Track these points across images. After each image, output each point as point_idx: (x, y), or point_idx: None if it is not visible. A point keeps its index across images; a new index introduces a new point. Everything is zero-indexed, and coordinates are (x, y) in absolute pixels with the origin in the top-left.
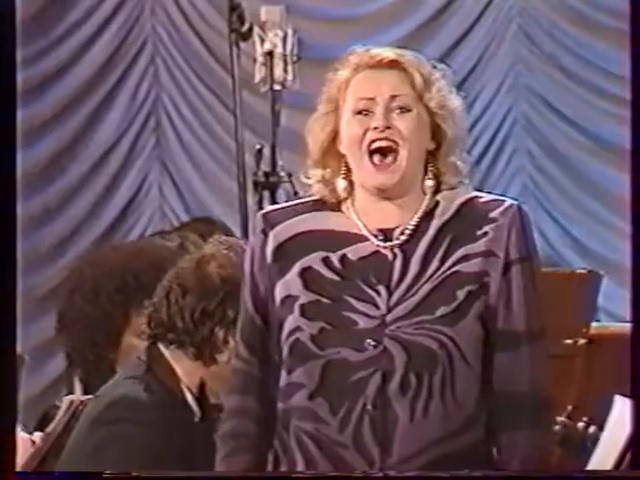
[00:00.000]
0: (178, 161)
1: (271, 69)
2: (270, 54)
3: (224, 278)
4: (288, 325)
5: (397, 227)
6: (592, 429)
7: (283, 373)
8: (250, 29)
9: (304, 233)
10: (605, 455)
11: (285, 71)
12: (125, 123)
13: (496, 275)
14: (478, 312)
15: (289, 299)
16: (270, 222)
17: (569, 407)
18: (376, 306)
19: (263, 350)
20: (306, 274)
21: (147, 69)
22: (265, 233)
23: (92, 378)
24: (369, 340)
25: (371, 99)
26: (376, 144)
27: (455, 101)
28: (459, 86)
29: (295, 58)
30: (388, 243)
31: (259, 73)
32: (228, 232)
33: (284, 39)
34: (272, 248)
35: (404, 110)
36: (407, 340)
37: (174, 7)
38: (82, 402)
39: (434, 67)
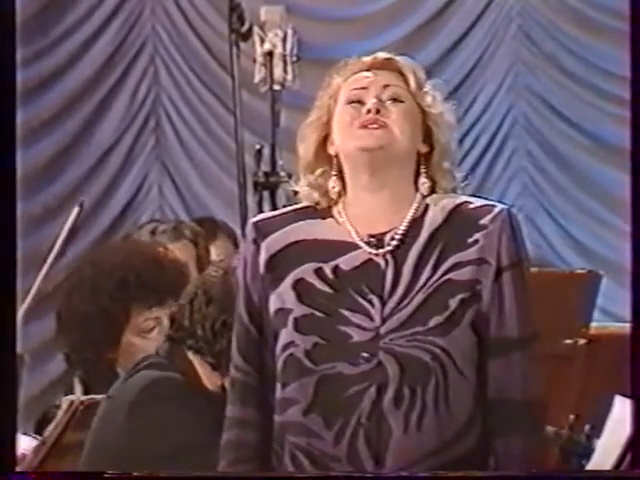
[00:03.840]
0: (178, 161)
1: (271, 69)
2: (270, 54)
3: None
4: (282, 339)
5: (388, 232)
6: (595, 442)
7: (278, 387)
8: (250, 29)
9: (296, 243)
10: (605, 455)
11: (285, 71)
12: (125, 123)
13: (487, 282)
14: (471, 320)
15: (283, 312)
16: (261, 232)
17: (571, 417)
18: (370, 318)
19: (259, 360)
20: (299, 286)
21: (147, 69)
22: (256, 243)
23: (92, 378)
24: (364, 354)
25: (364, 88)
26: (368, 125)
27: (448, 111)
28: (459, 86)
29: (295, 58)
30: (380, 250)
31: (259, 73)
32: (229, 232)
33: (284, 39)
34: (265, 259)
35: (396, 100)
36: (400, 353)
37: (174, 7)
38: (82, 402)
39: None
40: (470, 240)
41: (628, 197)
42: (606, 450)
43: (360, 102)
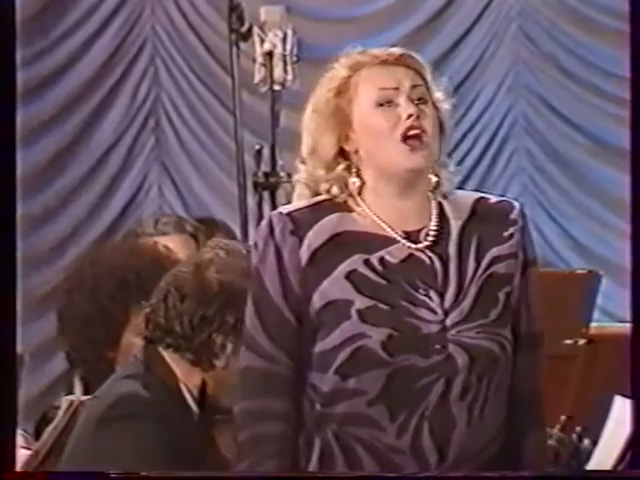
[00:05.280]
0: (178, 161)
1: (271, 69)
2: (270, 54)
3: (223, 284)
4: (344, 331)
5: (420, 229)
6: (586, 442)
7: (332, 379)
8: (250, 29)
9: (339, 235)
10: (605, 455)
11: (285, 71)
12: (125, 123)
13: (518, 276)
14: (511, 314)
15: (338, 303)
16: (301, 224)
17: (562, 417)
18: (432, 311)
19: (294, 348)
20: (353, 277)
21: (147, 69)
22: (297, 235)
23: (92, 377)
24: (436, 346)
25: (395, 89)
26: (412, 132)
27: (450, 101)
28: (459, 86)
29: (295, 58)
30: (420, 245)
31: (259, 73)
32: (229, 232)
33: (284, 39)
34: (308, 252)
35: (422, 101)
36: (470, 344)
37: (174, 7)
38: (82, 402)
39: None
40: (506, 234)
41: (628, 197)
42: (606, 450)
43: (391, 103)
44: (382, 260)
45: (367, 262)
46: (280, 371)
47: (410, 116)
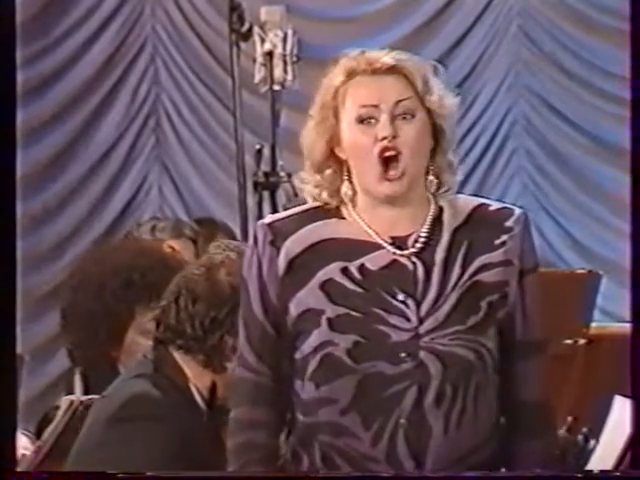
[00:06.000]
0: (178, 161)
1: (271, 69)
2: (270, 54)
3: (234, 286)
4: (314, 339)
5: (410, 235)
6: (592, 443)
7: (308, 387)
8: (250, 29)
9: (317, 244)
10: (605, 455)
11: (285, 71)
12: (125, 123)
13: (514, 284)
14: (499, 321)
15: (312, 312)
16: (280, 233)
17: (569, 419)
18: (406, 318)
19: (275, 360)
20: (327, 286)
21: (147, 69)
22: (275, 245)
23: (94, 376)
24: (404, 353)
25: (375, 106)
26: (386, 154)
27: (451, 100)
28: (459, 86)
29: (295, 58)
30: (405, 252)
31: (259, 73)
32: (229, 232)
33: (284, 39)
34: (285, 261)
35: (408, 116)
36: (443, 351)
37: (174, 7)
38: (82, 402)
39: (434, 67)
40: (497, 242)
41: (628, 197)
42: (606, 450)
43: (372, 119)
44: (361, 267)
45: (344, 270)
46: (265, 383)
47: (384, 138)
